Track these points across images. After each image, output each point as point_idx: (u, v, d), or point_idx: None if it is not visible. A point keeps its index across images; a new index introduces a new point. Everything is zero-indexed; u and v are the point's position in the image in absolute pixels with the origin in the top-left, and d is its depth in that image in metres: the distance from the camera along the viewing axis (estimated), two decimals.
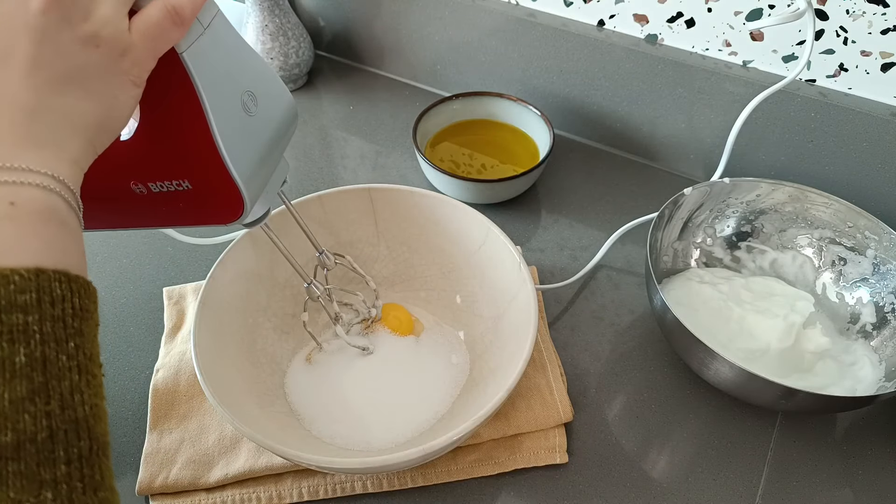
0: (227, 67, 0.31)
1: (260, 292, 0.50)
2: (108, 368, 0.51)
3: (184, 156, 0.31)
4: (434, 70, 0.78)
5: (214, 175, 0.31)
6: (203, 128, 0.30)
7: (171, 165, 0.32)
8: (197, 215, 0.34)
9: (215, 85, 0.30)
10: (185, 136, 0.30)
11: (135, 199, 0.33)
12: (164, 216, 0.35)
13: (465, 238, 0.52)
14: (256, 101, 0.33)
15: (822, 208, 0.53)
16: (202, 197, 0.33)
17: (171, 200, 0.33)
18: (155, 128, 0.31)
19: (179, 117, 0.30)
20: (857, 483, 0.45)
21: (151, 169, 0.32)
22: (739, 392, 0.44)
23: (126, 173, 0.32)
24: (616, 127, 0.70)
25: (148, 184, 0.32)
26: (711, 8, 0.58)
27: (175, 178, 0.32)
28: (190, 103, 0.30)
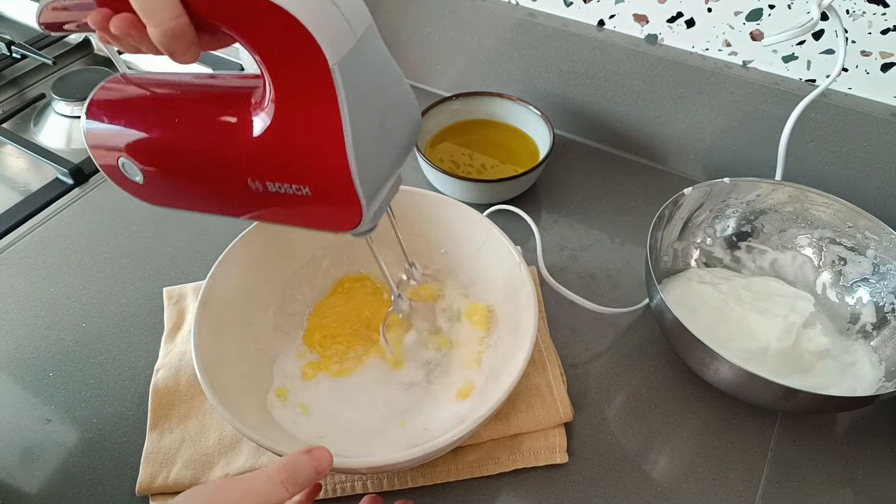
0: (372, 81, 0.30)
1: (260, 292, 0.50)
2: (108, 368, 0.51)
3: (311, 163, 0.30)
4: (434, 70, 0.78)
5: (338, 186, 0.30)
6: (338, 140, 0.29)
7: (296, 170, 0.31)
8: (308, 219, 0.34)
9: (358, 99, 0.29)
10: (318, 144, 0.29)
11: (247, 195, 0.33)
12: (271, 213, 0.34)
13: (465, 238, 0.52)
14: (391, 117, 0.32)
15: (822, 208, 0.53)
16: (320, 204, 0.32)
17: (286, 201, 0.32)
18: (287, 131, 0.30)
19: (316, 126, 0.29)
20: (857, 483, 0.45)
21: (274, 170, 0.31)
22: (739, 392, 0.44)
23: (246, 169, 0.32)
24: (616, 127, 0.70)
25: (266, 183, 0.32)
26: (711, 8, 0.58)
27: (297, 182, 0.31)
28: (330, 114, 0.28)
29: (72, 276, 0.58)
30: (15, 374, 0.51)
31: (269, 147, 0.31)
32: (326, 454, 0.34)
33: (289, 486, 0.32)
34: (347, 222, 0.33)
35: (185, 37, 0.28)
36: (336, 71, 0.27)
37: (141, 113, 0.35)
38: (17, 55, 0.84)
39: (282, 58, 0.28)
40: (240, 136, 0.31)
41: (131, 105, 0.35)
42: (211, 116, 0.33)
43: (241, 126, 0.31)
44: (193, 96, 0.34)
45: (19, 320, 0.55)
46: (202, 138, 0.33)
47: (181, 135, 0.33)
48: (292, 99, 0.29)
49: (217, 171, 0.33)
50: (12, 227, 0.63)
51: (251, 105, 0.31)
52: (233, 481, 0.32)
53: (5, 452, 0.47)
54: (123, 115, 0.35)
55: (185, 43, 0.28)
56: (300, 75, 0.28)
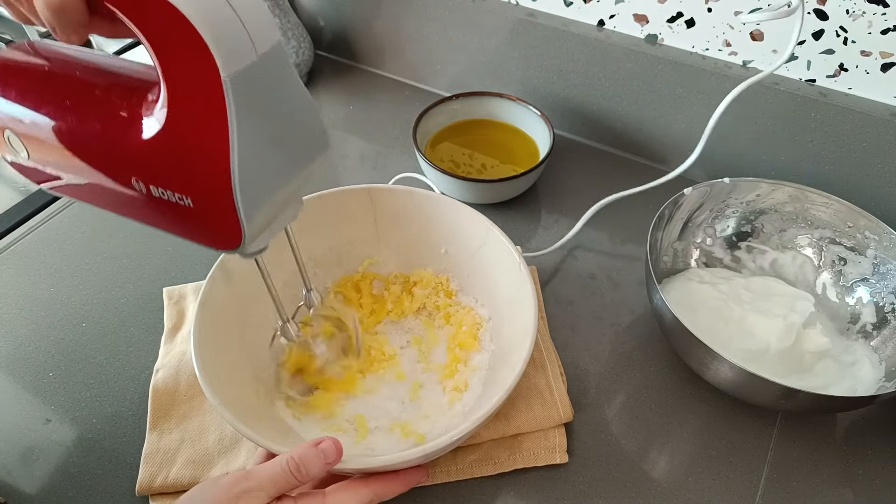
0: (269, 101, 0.29)
1: (261, 292, 0.50)
2: (108, 368, 0.51)
3: (194, 174, 0.29)
4: (434, 70, 0.78)
5: (219, 203, 0.30)
6: (223, 155, 0.28)
7: (179, 178, 0.30)
8: (190, 232, 0.33)
9: (250, 117, 0.28)
10: (203, 156, 0.29)
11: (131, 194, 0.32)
12: (156, 219, 0.33)
13: (465, 238, 0.52)
14: (289, 141, 0.31)
15: (822, 208, 0.53)
16: (201, 219, 0.31)
17: (168, 210, 0.32)
18: (175, 137, 0.29)
19: (203, 136, 0.28)
20: (857, 483, 0.45)
21: (158, 173, 0.30)
22: (739, 392, 0.44)
23: (131, 167, 0.31)
24: (616, 127, 0.70)
25: (150, 186, 0.31)
26: (711, 8, 0.58)
27: (179, 191, 0.30)
28: (217, 128, 0.27)
29: (72, 276, 0.58)
30: (15, 374, 0.51)
31: (154, 149, 0.30)
32: (333, 446, 0.35)
33: (299, 476, 0.34)
34: (228, 242, 0.32)
35: (72, 14, 0.26)
36: (228, 85, 0.26)
37: (35, 87, 0.33)
38: None
39: (176, 61, 0.27)
40: (128, 132, 0.30)
41: (27, 76, 0.33)
42: (104, 105, 0.31)
43: (131, 122, 0.30)
44: (93, 79, 0.32)
45: (19, 320, 0.55)
46: (91, 126, 0.31)
47: (70, 118, 0.32)
48: (183, 105, 0.28)
49: (102, 162, 0.32)
50: (12, 227, 0.63)
51: (146, 101, 0.30)
52: (245, 473, 0.34)
53: (5, 452, 0.47)
54: (17, 86, 0.33)
55: (72, 21, 0.26)
56: (193, 83, 0.27)
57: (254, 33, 0.27)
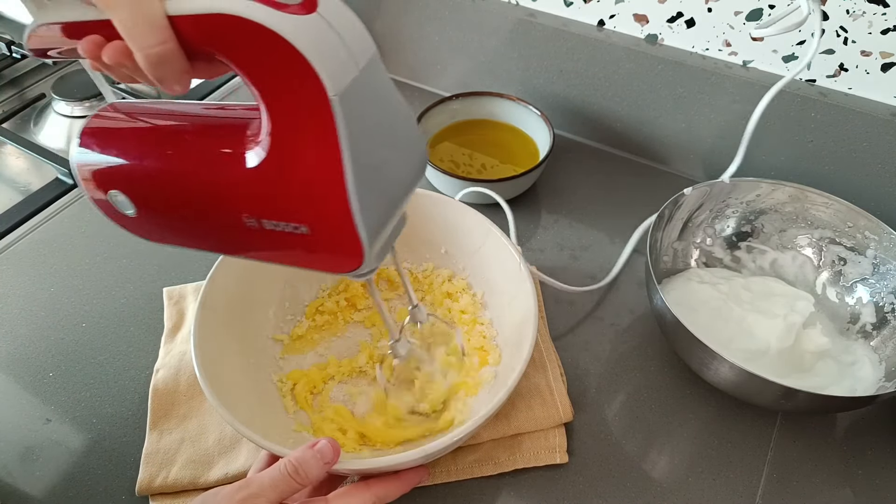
0: (375, 115, 0.28)
1: (260, 292, 0.50)
2: (108, 368, 0.51)
3: (309, 200, 0.28)
4: (434, 70, 0.78)
5: (338, 226, 0.29)
6: (337, 176, 0.27)
7: (293, 207, 0.29)
8: (306, 259, 0.32)
9: (359, 134, 0.27)
10: (316, 180, 0.28)
11: (242, 232, 0.31)
12: (269, 253, 0.33)
13: (465, 238, 0.52)
14: (394, 152, 0.30)
15: (822, 208, 0.53)
16: (318, 244, 0.30)
17: (283, 240, 0.31)
18: (284, 165, 0.28)
19: (314, 161, 0.27)
20: (857, 483, 0.45)
21: (270, 206, 0.30)
22: (739, 392, 0.44)
23: (241, 205, 0.30)
24: (616, 127, 0.70)
25: (262, 220, 0.30)
26: (711, 8, 0.58)
27: (294, 220, 0.29)
28: (329, 149, 0.27)
29: (72, 276, 0.58)
30: (15, 374, 0.51)
31: (264, 182, 0.29)
32: (329, 447, 0.35)
33: (298, 479, 0.34)
34: (348, 264, 0.31)
35: (173, 64, 0.26)
36: (336, 103, 0.26)
37: (134, 143, 0.33)
38: (17, 55, 0.84)
39: (279, 88, 0.26)
40: (235, 170, 0.29)
41: (124, 135, 0.34)
42: (205, 148, 0.31)
43: (236, 158, 0.29)
44: (188, 127, 0.33)
45: (19, 320, 0.55)
46: (196, 171, 0.31)
47: (174, 167, 0.32)
48: (290, 132, 0.27)
49: (211, 206, 0.31)
50: (12, 227, 0.63)
51: (247, 137, 0.29)
52: (246, 481, 0.34)
53: (5, 452, 0.47)
54: (116, 146, 0.34)
55: (174, 70, 0.27)
56: (298, 107, 0.26)
57: (352, 46, 0.27)
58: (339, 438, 0.44)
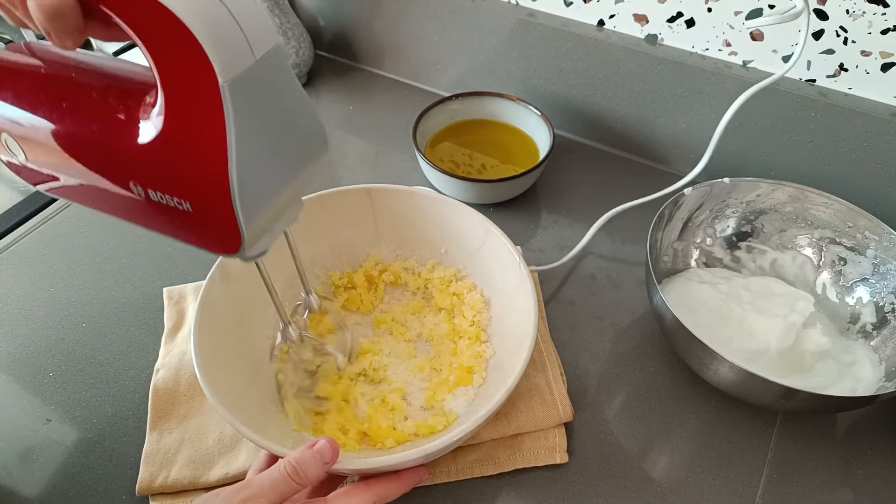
0: (267, 104, 0.29)
1: (260, 292, 0.50)
2: (108, 368, 0.51)
3: (193, 178, 0.29)
4: (434, 70, 0.78)
5: (218, 208, 0.29)
6: (221, 160, 0.28)
7: (178, 182, 0.30)
8: (189, 236, 0.32)
9: (248, 122, 0.27)
10: (201, 161, 0.28)
11: (129, 198, 0.32)
12: (155, 223, 0.33)
13: (465, 238, 0.52)
14: (288, 143, 0.30)
15: (822, 208, 0.53)
16: (200, 223, 0.31)
17: (167, 214, 0.31)
18: (173, 141, 0.28)
19: (200, 142, 0.28)
20: (857, 483, 0.45)
21: (156, 178, 0.30)
22: (739, 392, 0.44)
23: (129, 171, 0.31)
24: (616, 127, 0.70)
25: (148, 190, 0.31)
26: (711, 8, 0.58)
27: (178, 195, 0.30)
28: (215, 132, 0.27)
29: (72, 276, 0.58)
30: (15, 374, 0.51)
31: (152, 153, 0.29)
32: (328, 447, 0.35)
33: (298, 479, 0.34)
34: (228, 246, 0.31)
35: (68, 19, 0.25)
36: (226, 90, 0.26)
37: (31, 88, 0.33)
38: None
39: (172, 65, 0.26)
40: (126, 136, 0.29)
41: (23, 78, 0.33)
42: (101, 107, 0.31)
43: (128, 125, 0.29)
44: (90, 81, 0.32)
45: (19, 320, 0.55)
46: (88, 129, 0.31)
47: (67, 120, 0.31)
48: (180, 109, 0.27)
49: (100, 166, 0.31)
50: (12, 227, 0.63)
51: (144, 104, 0.29)
52: (245, 482, 0.34)
53: (5, 452, 0.47)
54: (12, 88, 0.33)
55: (67, 26, 0.26)
56: (189, 87, 0.26)
57: (251, 36, 0.27)
58: (340, 438, 0.44)
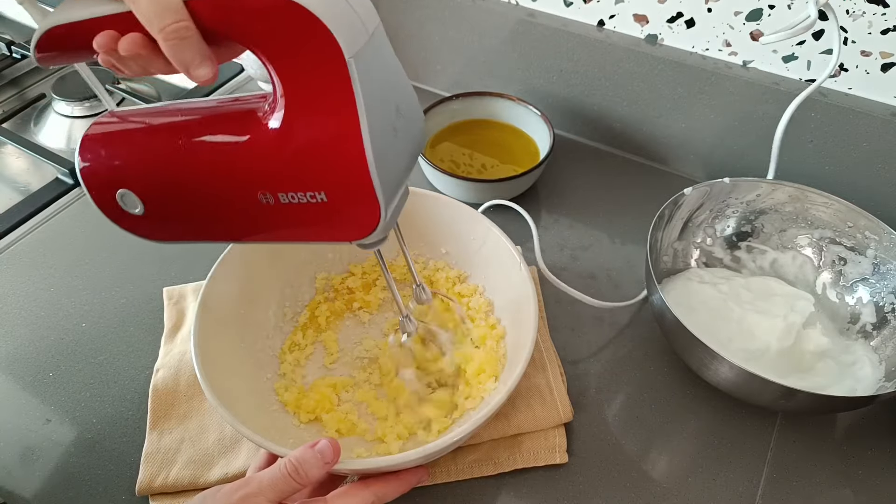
0: (384, 79, 0.29)
1: (260, 292, 0.50)
2: (108, 368, 0.51)
3: (327, 167, 0.29)
4: (434, 70, 0.78)
5: (357, 186, 0.29)
6: (356, 137, 0.28)
7: (311, 173, 0.30)
8: (322, 230, 0.33)
9: (373, 95, 0.28)
10: (334, 144, 0.29)
11: (256, 211, 0.32)
12: (284, 230, 0.33)
13: (465, 238, 0.52)
14: (402, 118, 0.31)
15: (822, 208, 0.53)
16: (336, 211, 0.31)
17: (299, 213, 0.31)
18: (300, 132, 0.29)
19: (331, 124, 0.28)
20: (857, 483, 0.45)
21: (287, 176, 0.30)
22: (739, 392, 0.44)
23: (256, 182, 0.31)
24: (616, 127, 0.70)
25: (278, 194, 0.31)
26: (711, 8, 0.58)
27: (312, 189, 0.30)
28: (346, 111, 0.28)
29: (72, 276, 0.58)
30: (15, 374, 0.51)
31: (280, 154, 0.30)
32: (329, 446, 0.36)
33: (298, 478, 0.34)
34: (364, 227, 0.32)
35: (192, 42, 0.27)
36: (352, 64, 0.27)
37: (140, 140, 0.34)
38: (18, 55, 0.84)
39: (295, 55, 0.27)
40: (248, 148, 0.30)
41: (129, 134, 0.34)
42: (216, 133, 0.32)
43: (249, 138, 0.30)
44: (195, 118, 0.33)
45: (19, 320, 0.55)
46: (208, 155, 0.32)
47: (185, 155, 0.32)
48: (306, 98, 0.28)
49: (225, 188, 0.32)
50: (12, 227, 0.63)
51: (257, 118, 0.30)
52: (245, 479, 0.34)
53: (5, 452, 0.47)
54: (121, 145, 0.34)
55: (194, 51, 0.27)
56: (315, 72, 0.27)
57: (361, 13, 0.28)
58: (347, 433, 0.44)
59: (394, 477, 0.39)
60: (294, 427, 0.45)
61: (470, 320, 0.51)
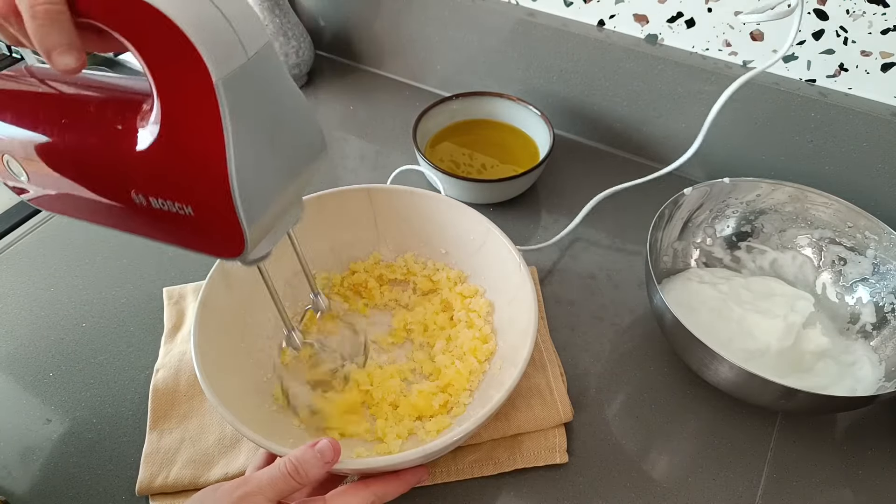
0: (264, 103, 0.29)
1: (260, 292, 0.50)
2: (108, 368, 0.51)
3: (193, 182, 0.29)
4: (434, 70, 0.78)
5: (219, 211, 0.29)
6: (219, 161, 0.28)
7: (178, 188, 0.29)
8: (192, 242, 0.33)
9: (245, 119, 0.27)
10: (200, 162, 0.28)
11: (131, 208, 0.32)
12: (158, 232, 0.33)
13: (465, 238, 0.52)
14: (285, 143, 0.31)
15: (822, 208, 0.53)
16: (202, 227, 0.31)
17: (169, 220, 0.31)
18: (172, 146, 0.28)
19: (198, 143, 0.28)
20: (857, 483, 0.45)
21: (156, 184, 0.30)
22: (739, 392, 0.44)
23: (130, 180, 0.31)
24: (616, 127, 0.70)
25: (150, 198, 0.31)
26: (711, 8, 0.58)
27: (179, 200, 0.30)
28: (212, 132, 0.27)
29: (72, 276, 0.58)
30: (15, 374, 0.51)
31: (151, 160, 0.29)
32: (329, 446, 0.35)
33: (297, 478, 0.34)
34: (231, 249, 0.31)
35: (61, 27, 0.25)
36: (220, 87, 0.26)
37: (30, 109, 0.33)
38: (18, 55, 0.84)
39: (166, 68, 0.26)
40: (125, 145, 0.30)
41: (22, 99, 0.34)
42: (99, 121, 0.31)
43: (127, 134, 0.30)
44: (86, 97, 0.32)
45: (19, 320, 0.55)
46: (88, 143, 0.31)
47: (67, 136, 0.32)
48: (177, 112, 0.28)
49: (101, 178, 0.32)
50: (12, 227, 0.63)
51: (141, 112, 0.30)
52: (245, 478, 0.34)
53: (5, 452, 0.47)
54: (12, 109, 0.33)
55: (62, 37, 0.25)
56: (184, 88, 0.26)
57: (242, 34, 0.27)
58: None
59: (394, 477, 0.39)
60: (294, 427, 0.45)
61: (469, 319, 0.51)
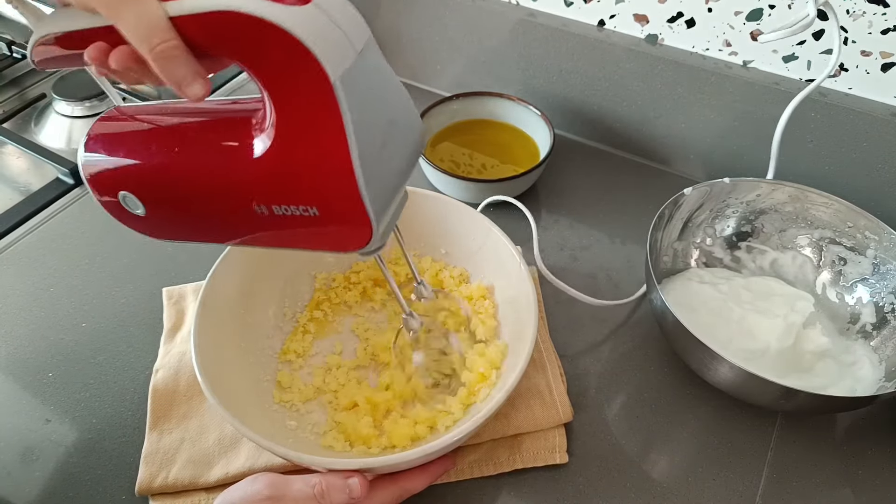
0: (375, 95, 0.30)
1: (260, 292, 0.50)
2: (107, 368, 0.51)
3: (317, 182, 0.30)
4: (434, 70, 0.78)
5: (346, 205, 0.30)
6: (344, 156, 0.28)
7: (302, 190, 0.30)
8: (317, 241, 0.33)
9: (362, 113, 0.28)
10: (323, 163, 0.29)
11: (253, 220, 0.32)
12: (280, 238, 0.34)
13: (465, 238, 0.52)
14: (395, 131, 0.31)
15: (822, 208, 0.53)
16: (328, 224, 0.31)
17: (293, 224, 0.32)
18: (290, 150, 0.29)
19: (319, 143, 0.29)
20: (857, 483, 0.45)
21: (279, 192, 0.31)
22: (739, 392, 0.44)
23: (250, 193, 0.31)
24: (616, 127, 0.70)
25: (272, 206, 0.31)
26: (712, 8, 0.58)
27: (303, 203, 0.31)
28: (334, 130, 0.28)
29: (72, 276, 0.58)
30: (15, 374, 0.51)
31: (272, 168, 0.30)
32: (358, 484, 0.37)
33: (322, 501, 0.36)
34: (357, 241, 0.32)
35: (181, 61, 0.27)
36: (338, 86, 0.27)
37: (140, 144, 0.34)
38: (18, 55, 0.84)
39: (282, 77, 0.27)
40: (242, 160, 0.31)
41: (130, 137, 0.35)
42: (211, 142, 0.32)
43: (242, 149, 0.31)
44: (192, 123, 0.34)
45: (19, 320, 0.55)
46: (204, 165, 0.32)
47: (182, 163, 0.33)
48: (294, 117, 0.28)
49: (221, 197, 0.33)
50: (12, 227, 0.63)
51: (252, 127, 0.30)
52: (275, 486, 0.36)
53: (5, 452, 0.47)
54: (123, 148, 0.35)
55: (185, 69, 0.27)
56: (301, 93, 0.27)
57: (349, 31, 0.28)
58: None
59: (420, 470, 0.40)
60: (293, 427, 0.45)
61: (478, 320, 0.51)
